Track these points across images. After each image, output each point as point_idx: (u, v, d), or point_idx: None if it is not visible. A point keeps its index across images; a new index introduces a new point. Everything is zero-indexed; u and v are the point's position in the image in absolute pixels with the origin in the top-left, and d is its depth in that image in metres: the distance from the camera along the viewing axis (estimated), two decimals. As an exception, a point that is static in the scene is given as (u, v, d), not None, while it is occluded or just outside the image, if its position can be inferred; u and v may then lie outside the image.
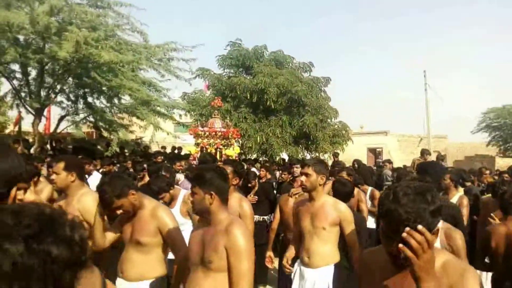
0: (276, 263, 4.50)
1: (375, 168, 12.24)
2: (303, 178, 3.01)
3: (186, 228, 3.45)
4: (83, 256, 0.48)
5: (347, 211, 3.03)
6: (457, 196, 4.75)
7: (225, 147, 6.96)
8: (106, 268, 2.76)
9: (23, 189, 1.00)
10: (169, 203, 3.82)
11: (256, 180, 5.97)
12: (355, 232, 3.02)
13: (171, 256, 2.72)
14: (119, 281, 2.61)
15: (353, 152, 17.19)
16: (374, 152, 26.55)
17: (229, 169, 3.43)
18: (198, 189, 2.15)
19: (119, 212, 2.56)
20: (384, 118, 67.52)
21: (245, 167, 6.92)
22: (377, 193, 5.84)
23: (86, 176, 5.53)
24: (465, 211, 4.52)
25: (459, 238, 2.35)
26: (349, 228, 2.98)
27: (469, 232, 4.48)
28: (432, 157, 11.24)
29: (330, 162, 13.62)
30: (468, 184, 5.91)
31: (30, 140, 12.46)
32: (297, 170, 7.28)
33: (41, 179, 4.37)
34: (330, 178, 4.87)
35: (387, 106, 73.05)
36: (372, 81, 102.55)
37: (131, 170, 6.83)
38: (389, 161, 10.61)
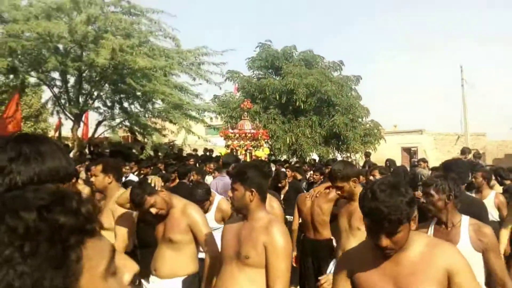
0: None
1: (410, 168, 11.91)
2: (338, 192, 2.98)
3: (219, 233, 3.51)
4: (88, 225, 0.57)
5: None
6: (492, 194, 4.59)
7: (255, 149, 7.02)
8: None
9: None
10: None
11: (286, 180, 6.00)
12: None
13: (201, 255, 2.78)
14: (152, 278, 2.70)
15: (387, 151, 16.81)
16: (409, 152, 25.82)
17: None
18: (239, 186, 2.15)
19: (154, 211, 2.63)
20: (419, 116, 65.47)
21: (274, 168, 6.96)
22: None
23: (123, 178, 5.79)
24: (501, 209, 4.37)
25: (489, 233, 2.28)
26: None
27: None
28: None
29: (361, 162, 13.43)
30: (508, 182, 5.65)
31: (70, 145, 13.04)
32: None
33: (79, 181, 4.60)
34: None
35: (422, 103, 70.78)
36: (405, 78, 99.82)
37: (164, 172, 7.02)
38: (424, 160, 10.28)
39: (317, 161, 14.00)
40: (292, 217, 5.53)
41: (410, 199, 1.48)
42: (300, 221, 4.16)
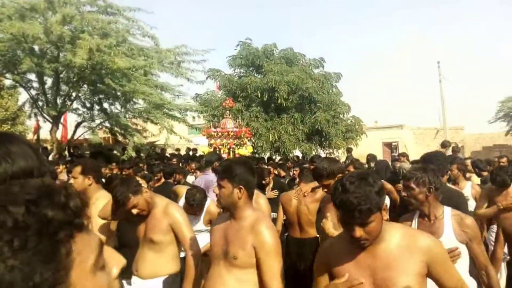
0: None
1: (391, 162, 12.10)
2: (325, 189, 2.92)
3: (207, 235, 3.49)
4: (76, 220, 0.57)
5: None
6: (468, 185, 4.72)
7: (238, 147, 7.01)
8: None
9: None
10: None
11: (270, 177, 6.00)
12: None
13: (183, 254, 2.76)
14: (134, 279, 2.67)
15: (368, 147, 17.01)
16: (390, 147, 26.26)
17: None
18: (227, 183, 2.08)
19: (135, 211, 2.59)
20: (399, 112, 66.61)
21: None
22: (389, 186, 5.80)
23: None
24: (477, 200, 4.48)
25: (471, 223, 2.32)
26: None
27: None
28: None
29: (343, 158, 13.57)
30: (485, 173, 5.82)
31: (49, 147, 12.76)
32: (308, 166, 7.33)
33: (57, 183, 4.52)
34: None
35: (401, 99, 72.00)
36: (385, 74, 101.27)
37: (146, 172, 6.97)
38: (404, 154, 10.45)
39: (300, 157, 14.09)
40: (275, 214, 5.56)
41: (379, 189, 1.49)
42: (284, 218, 4.11)
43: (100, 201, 3.13)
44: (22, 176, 1.00)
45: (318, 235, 3.72)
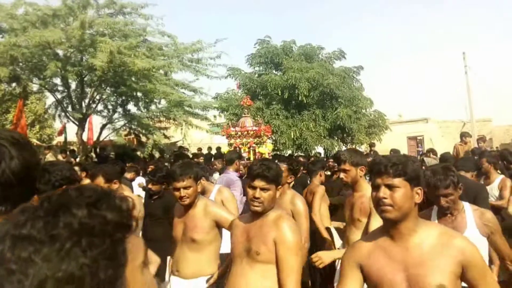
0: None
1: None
2: (342, 175, 2.94)
3: None
4: (130, 222, 0.63)
5: None
6: (498, 179, 4.54)
7: (258, 145, 6.99)
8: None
9: None
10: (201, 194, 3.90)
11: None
12: (379, 222, 2.99)
13: (222, 250, 2.79)
14: (175, 279, 2.68)
15: (392, 141, 16.70)
16: (415, 141, 25.67)
17: (284, 167, 3.46)
18: (273, 186, 2.10)
19: (178, 194, 2.60)
20: (424, 105, 64.99)
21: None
22: None
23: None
24: (502, 190, 4.34)
25: (491, 217, 2.35)
26: (373, 220, 2.80)
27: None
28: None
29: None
30: (512, 167, 5.55)
31: (76, 150, 13.14)
32: (331, 163, 7.24)
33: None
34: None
35: (426, 92, 70.29)
36: (409, 66, 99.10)
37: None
38: (432, 150, 10.05)
39: (322, 154, 13.97)
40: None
41: (417, 166, 1.53)
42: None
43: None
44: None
45: (329, 226, 4.02)
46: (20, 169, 0.95)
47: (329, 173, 7.26)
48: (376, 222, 2.88)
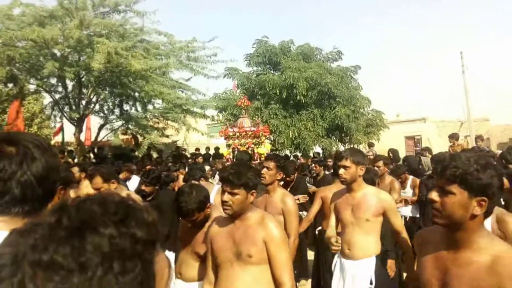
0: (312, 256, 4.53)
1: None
2: (341, 171, 2.92)
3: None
4: (158, 238, 0.56)
5: (390, 200, 2.96)
6: None
7: (256, 146, 6.98)
8: None
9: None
10: None
11: (295, 175, 5.90)
12: (400, 218, 3.00)
13: None
14: (177, 281, 2.69)
15: (390, 141, 16.71)
16: (413, 140, 25.71)
17: (272, 164, 3.45)
18: (242, 190, 2.11)
19: (189, 224, 2.56)
20: (422, 105, 65.08)
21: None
22: (418, 182, 5.72)
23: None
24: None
25: (511, 221, 2.25)
26: (394, 215, 2.89)
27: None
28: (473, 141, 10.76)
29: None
30: (511, 166, 5.56)
31: (73, 150, 13.10)
32: (330, 163, 7.25)
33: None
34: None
35: (424, 91, 70.45)
36: (407, 66, 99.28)
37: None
38: (427, 149, 10.14)
39: (320, 154, 13.98)
40: (301, 213, 5.51)
41: (491, 176, 1.33)
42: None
43: None
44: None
45: None
46: (41, 171, 0.96)
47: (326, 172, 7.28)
48: (397, 217, 2.94)
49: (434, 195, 1.40)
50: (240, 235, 2.12)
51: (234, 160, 6.32)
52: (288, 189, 5.55)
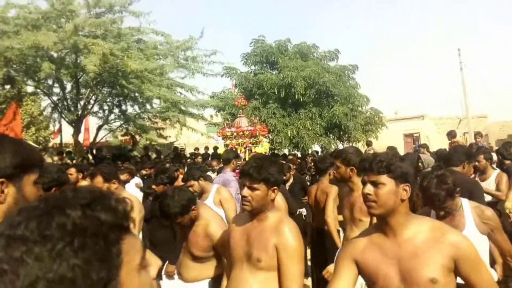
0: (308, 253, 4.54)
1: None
2: (333, 169, 2.99)
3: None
4: (125, 223, 0.63)
5: None
6: (494, 174, 4.59)
7: (254, 145, 6.99)
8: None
9: None
10: (200, 195, 3.89)
11: (291, 173, 5.95)
12: None
13: None
14: (177, 281, 2.71)
15: (389, 139, 16.76)
16: (412, 138, 25.75)
17: None
18: (262, 186, 1.96)
19: (176, 225, 2.63)
20: (420, 102, 65.14)
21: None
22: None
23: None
24: (504, 187, 4.40)
25: (491, 214, 2.35)
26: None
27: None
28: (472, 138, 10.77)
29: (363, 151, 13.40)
30: (508, 162, 5.58)
31: (72, 151, 13.08)
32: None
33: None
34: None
35: (422, 89, 70.49)
36: (404, 63, 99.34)
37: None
38: (424, 146, 10.18)
39: (319, 152, 13.99)
40: (301, 210, 5.53)
41: (408, 163, 1.54)
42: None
43: None
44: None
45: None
46: None
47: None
48: None
49: (367, 189, 1.56)
50: (255, 235, 1.99)
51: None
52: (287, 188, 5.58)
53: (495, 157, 5.70)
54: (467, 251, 1.48)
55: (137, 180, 6.42)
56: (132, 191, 5.85)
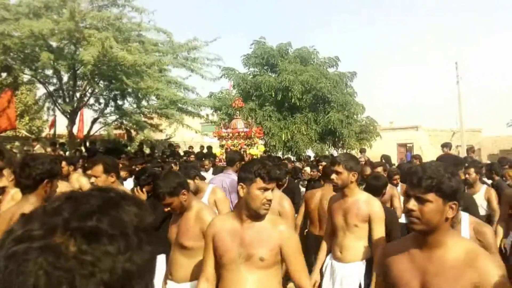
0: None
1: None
2: (333, 176, 2.94)
3: None
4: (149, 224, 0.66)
5: (378, 210, 2.91)
6: (482, 188, 4.63)
7: (249, 147, 6.99)
8: None
9: None
10: (194, 194, 3.84)
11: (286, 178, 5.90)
12: (383, 232, 2.88)
13: None
14: (169, 283, 2.65)
15: (383, 148, 16.84)
16: (405, 148, 25.91)
17: None
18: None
19: (166, 209, 2.61)
20: (415, 113, 65.60)
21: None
22: None
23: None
24: (491, 201, 4.45)
25: (489, 232, 2.35)
26: (377, 227, 2.86)
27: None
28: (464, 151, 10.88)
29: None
30: (497, 178, 5.65)
31: (65, 142, 12.98)
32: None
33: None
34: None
35: (417, 100, 70.94)
36: (402, 74, 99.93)
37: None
38: (417, 156, 10.19)
39: (312, 158, 14.02)
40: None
41: (453, 177, 1.47)
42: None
43: None
44: None
45: None
46: None
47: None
48: (380, 228, 2.89)
49: (412, 205, 1.49)
50: (252, 236, 2.02)
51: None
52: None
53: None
54: (491, 281, 1.39)
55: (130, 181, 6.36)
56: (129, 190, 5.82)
